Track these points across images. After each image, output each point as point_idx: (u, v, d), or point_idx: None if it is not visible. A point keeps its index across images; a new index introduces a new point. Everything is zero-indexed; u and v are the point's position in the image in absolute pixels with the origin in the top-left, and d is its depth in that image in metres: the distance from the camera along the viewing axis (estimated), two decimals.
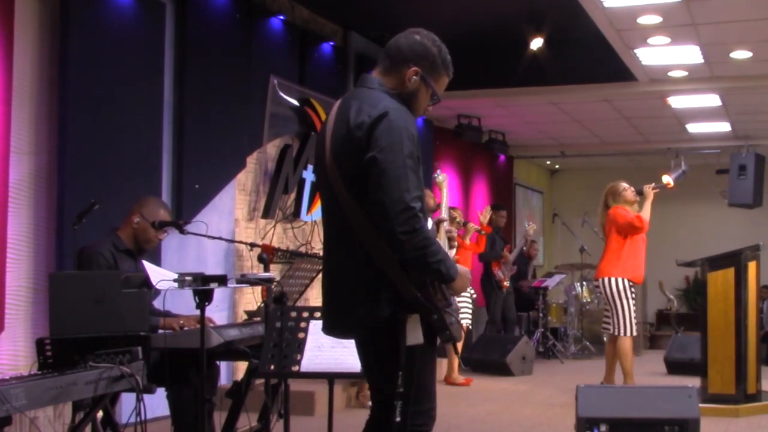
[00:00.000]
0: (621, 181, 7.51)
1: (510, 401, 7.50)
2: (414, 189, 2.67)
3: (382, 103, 2.75)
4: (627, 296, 7.13)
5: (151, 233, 4.51)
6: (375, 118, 2.71)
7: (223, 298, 6.84)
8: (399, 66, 2.87)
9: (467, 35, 8.59)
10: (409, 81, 2.86)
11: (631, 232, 7.19)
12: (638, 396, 4.83)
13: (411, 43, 2.88)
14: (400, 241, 2.64)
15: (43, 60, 5.44)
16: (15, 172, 5.18)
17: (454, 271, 2.76)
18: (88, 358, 3.32)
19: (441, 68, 2.91)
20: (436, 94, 2.92)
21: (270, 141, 7.61)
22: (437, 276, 2.72)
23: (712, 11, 7.55)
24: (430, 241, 2.68)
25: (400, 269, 2.71)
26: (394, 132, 2.69)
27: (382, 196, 2.65)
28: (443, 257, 2.71)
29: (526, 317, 12.03)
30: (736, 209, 12.23)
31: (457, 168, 12.27)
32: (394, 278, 2.72)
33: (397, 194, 2.64)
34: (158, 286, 3.63)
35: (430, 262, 2.68)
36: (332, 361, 3.80)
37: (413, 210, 2.64)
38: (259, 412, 4.43)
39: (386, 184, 2.65)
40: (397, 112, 2.74)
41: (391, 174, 2.65)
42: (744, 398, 6.61)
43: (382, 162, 2.66)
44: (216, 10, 6.89)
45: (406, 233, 2.63)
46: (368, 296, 2.76)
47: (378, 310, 2.74)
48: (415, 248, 2.65)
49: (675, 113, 11.49)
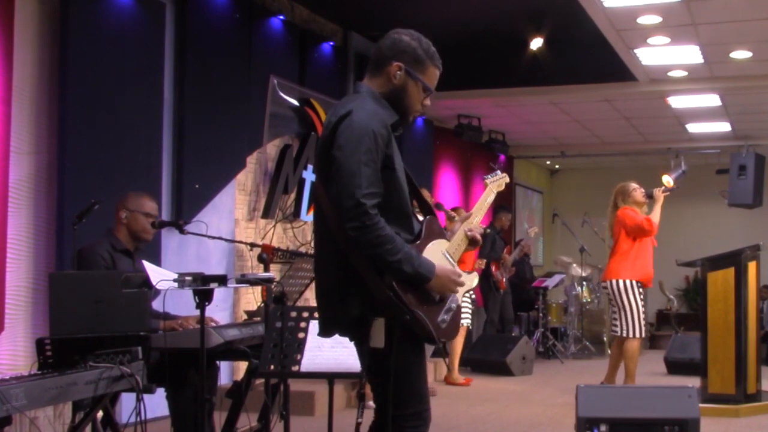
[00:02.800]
0: (631, 182, 7.43)
1: (510, 401, 7.50)
2: (368, 185, 2.66)
3: (352, 104, 2.80)
4: (636, 298, 7.06)
5: (143, 220, 4.51)
6: (339, 117, 2.77)
7: (223, 298, 6.84)
8: (382, 65, 2.91)
9: (467, 35, 8.59)
10: (395, 77, 2.89)
11: (640, 235, 7.12)
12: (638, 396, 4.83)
13: (390, 42, 2.92)
14: (350, 237, 2.65)
15: (43, 60, 5.44)
16: (15, 172, 5.18)
17: (427, 270, 2.74)
18: (88, 358, 3.32)
19: (425, 60, 2.92)
20: (428, 87, 2.93)
21: (270, 141, 7.61)
22: (403, 275, 2.70)
23: (712, 11, 7.55)
24: (385, 239, 2.65)
25: (372, 268, 2.70)
26: (354, 130, 2.72)
27: (336, 192, 2.68)
28: (405, 257, 2.68)
29: (526, 317, 12.03)
30: (736, 209, 12.23)
31: (457, 168, 12.27)
32: (366, 277, 2.72)
33: (348, 190, 2.65)
34: (158, 286, 3.63)
35: (390, 261, 2.66)
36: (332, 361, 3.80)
37: (364, 206, 2.64)
38: (259, 412, 4.43)
39: (340, 180, 2.68)
40: (362, 112, 2.77)
41: (345, 170, 2.68)
42: (744, 398, 6.61)
43: (339, 158, 2.70)
44: (216, 10, 6.89)
45: (356, 229, 2.64)
46: (339, 296, 2.78)
47: (347, 310, 2.76)
48: (368, 245, 2.65)
49: (675, 113, 11.49)
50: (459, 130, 11.23)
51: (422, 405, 2.86)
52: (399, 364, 2.77)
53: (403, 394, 2.80)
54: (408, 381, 2.82)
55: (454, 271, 2.86)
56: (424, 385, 2.91)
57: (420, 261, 2.74)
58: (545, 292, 11.56)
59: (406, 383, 2.81)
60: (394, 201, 2.80)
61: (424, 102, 2.97)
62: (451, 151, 12.01)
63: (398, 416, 2.80)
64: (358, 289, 2.74)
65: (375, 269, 2.70)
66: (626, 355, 7.10)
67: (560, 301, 12.04)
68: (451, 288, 2.84)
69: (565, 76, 9.77)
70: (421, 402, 2.86)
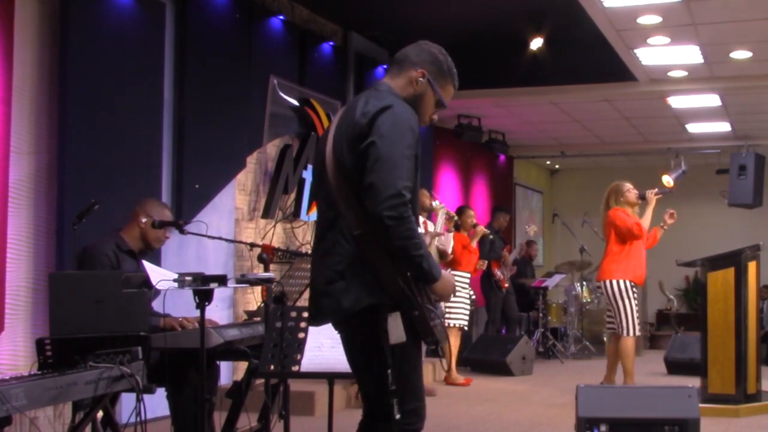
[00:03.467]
0: (625, 182, 7.43)
1: (510, 401, 7.50)
2: (407, 178, 2.70)
3: (389, 99, 2.84)
4: (629, 297, 7.08)
5: (160, 232, 4.54)
6: (380, 108, 2.79)
7: (223, 298, 6.84)
8: (407, 69, 2.97)
9: (467, 35, 8.59)
10: (416, 83, 2.94)
11: (629, 238, 7.13)
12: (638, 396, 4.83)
13: (419, 50, 3.00)
14: (386, 226, 2.66)
15: (43, 60, 5.44)
16: (15, 172, 5.18)
17: (437, 271, 2.79)
18: (88, 358, 3.32)
19: (447, 75, 3.00)
20: (442, 101, 2.99)
21: (270, 141, 7.61)
22: (419, 271, 2.74)
23: (712, 11, 7.55)
24: (415, 233, 2.70)
25: (388, 260, 2.72)
26: (396, 122, 2.76)
27: (374, 180, 2.69)
28: (426, 254, 2.74)
29: (526, 317, 12.03)
30: (736, 209, 12.23)
31: (457, 168, 12.27)
32: (381, 270, 2.73)
33: (389, 179, 2.67)
34: (158, 286, 3.63)
35: (414, 254, 2.70)
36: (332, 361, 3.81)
37: (403, 197, 2.67)
38: (259, 412, 4.43)
39: (380, 168, 2.69)
40: (402, 107, 2.82)
41: (387, 159, 2.69)
42: (744, 398, 6.61)
43: (380, 147, 2.71)
44: (216, 10, 6.89)
45: (393, 218, 2.66)
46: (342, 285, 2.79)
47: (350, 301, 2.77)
48: (400, 236, 2.67)
49: (675, 113, 11.49)
50: (459, 130, 11.23)
51: (419, 401, 2.88)
52: (398, 360, 2.78)
53: (401, 390, 2.80)
54: (405, 377, 2.82)
55: (453, 277, 2.95)
56: (420, 381, 2.92)
57: (433, 261, 2.79)
58: (545, 292, 11.57)
59: (406, 379, 2.82)
60: (414, 201, 2.84)
61: (433, 116, 3.03)
62: (451, 151, 12.01)
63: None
64: (367, 281, 2.75)
65: (391, 262, 2.72)
66: (622, 353, 7.11)
67: (560, 301, 12.04)
68: (451, 292, 2.89)
69: (565, 76, 9.78)
70: (417, 398, 2.87)
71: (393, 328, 2.74)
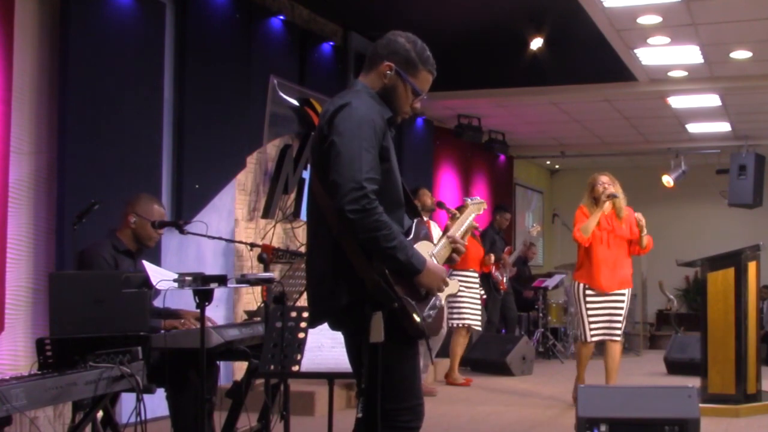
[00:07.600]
0: (603, 175, 7.01)
1: (510, 401, 7.50)
2: (368, 171, 2.69)
3: (349, 97, 2.86)
4: (581, 302, 6.78)
5: (150, 229, 4.53)
6: (337, 107, 2.81)
7: (223, 298, 6.84)
8: (375, 64, 2.97)
9: (467, 35, 8.59)
10: (385, 76, 2.94)
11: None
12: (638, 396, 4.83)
13: (385, 42, 2.99)
14: (349, 220, 2.66)
15: (43, 60, 5.44)
16: (15, 172, 5.18)
17: (418, 262, 2.75)
18: (88, 358, 3.32)
19: (417, 63, 2.96)
20: (417, 90, 2.96)
21: (270, 141, 7.61)
22: (395, 263, 2.71)
23: (712, 11, 7.55)
24: (383, 224, 2.67)
25: (363, 256, 2.72)
26: (353, 117, 2.77)
27: (335, 176, 2.70)
28: (400, 245, 2.70)
29: (526, 317, 12.03)
30: (736, 209, 12.23)
31: (457, 168, 12.27)
32: (357, 265, 2.73)
33: (349, 174, 2.68)
34: (158, 286, 3.63)
35: (384, 246, 2.68)
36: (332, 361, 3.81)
37: (364, 189, 2.66)
38: (259, 412, 4.43)
39: (340, 164, 2.70)
40: (361, 103, 2.83)
41: (346, 155, 2.71)
42: (744, 398, 6.61)
43: (338, 144, 2.73)
44: (216, 10, 6.89)
45: (356, 212, 2.65)
46: (330, 285, 2.80)
47: (337, 299, 2.78)
48: (365, 229, 2.66)
49: (675, 113, 11.49)
50: (459, 130, 11.23)
51: (416, 400, 2.87)
52: (393, 358, 2.78)
53: (397, 388, 2.81)
54: (402, 375, 2.82)
55: (443, 270, 2.89)
56: (418, 379, 2.92)
57: (413, 252, 2.76)
58: (545, 292, 11.56)
59: (399, 377, 2.81)
60: (389, 193, 2.82)
61: (414, 104, 3.01)
62: (451, 151, 12.01)
63: (392, 410, 2.80)
64: (349, 279, 2.76)
65: (367, 257, 2.71)
66: (576, 358, 6.96)
67: (560, 301, 12.04)
68: (439, 285, 2.85)
69: (565, 76, 9.77)
70: (415, 396, 2.87)
71: (374, 328, 2.73)
